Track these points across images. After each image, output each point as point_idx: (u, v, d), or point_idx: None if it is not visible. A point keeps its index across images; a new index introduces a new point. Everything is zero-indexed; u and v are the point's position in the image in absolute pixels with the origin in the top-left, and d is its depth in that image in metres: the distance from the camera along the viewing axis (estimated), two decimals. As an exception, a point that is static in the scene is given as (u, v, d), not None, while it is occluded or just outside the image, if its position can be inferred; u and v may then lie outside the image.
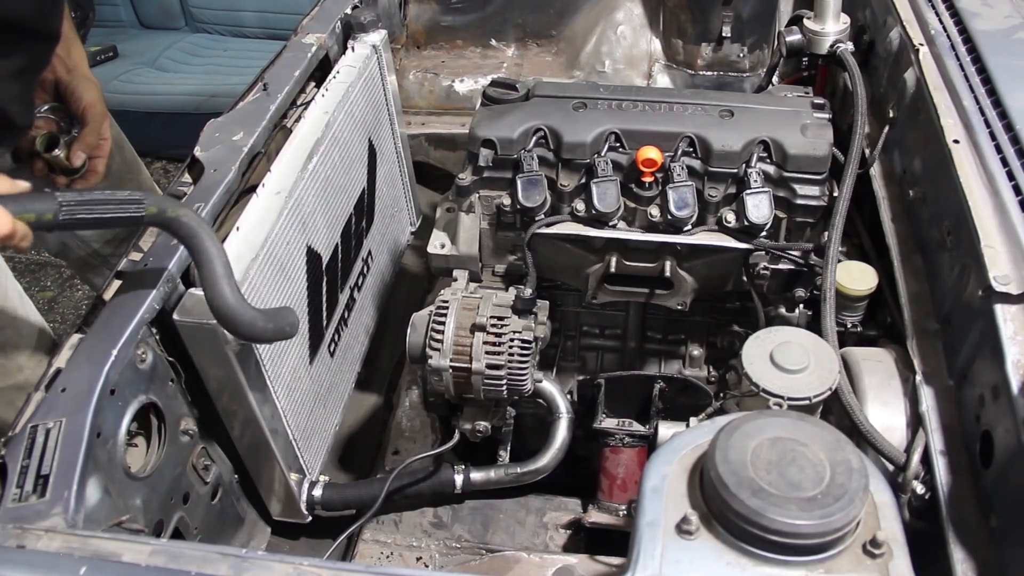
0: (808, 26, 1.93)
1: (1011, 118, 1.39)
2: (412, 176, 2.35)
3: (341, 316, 1.88)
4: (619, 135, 1.63)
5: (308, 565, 0.99)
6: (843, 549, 0.96)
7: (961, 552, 1.05)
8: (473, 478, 1.74)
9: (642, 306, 1.86)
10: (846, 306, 1.51)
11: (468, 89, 2.51)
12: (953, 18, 1.68)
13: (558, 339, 1.91)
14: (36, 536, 1.06)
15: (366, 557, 1.72)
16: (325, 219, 1.76)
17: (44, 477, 1.16)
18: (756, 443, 1.00)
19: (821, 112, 1.67)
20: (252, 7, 4.43)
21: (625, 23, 2.50)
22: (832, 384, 1.31)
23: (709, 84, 2.43)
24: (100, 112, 1.69)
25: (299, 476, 1.68)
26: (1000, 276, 1.15)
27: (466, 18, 2.56)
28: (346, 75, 1.91)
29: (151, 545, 1.04)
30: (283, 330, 1.36)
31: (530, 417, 1.86)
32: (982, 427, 1.11)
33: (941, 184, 1.38)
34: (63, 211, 1.19)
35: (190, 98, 3.90)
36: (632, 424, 1.77)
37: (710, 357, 1.91)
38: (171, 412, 1.45)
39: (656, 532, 0.98)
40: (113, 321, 1.34)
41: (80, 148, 1.66)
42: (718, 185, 1.62)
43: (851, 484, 0.95)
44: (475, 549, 1.73)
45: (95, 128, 1.68)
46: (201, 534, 1.54)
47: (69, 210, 1.20)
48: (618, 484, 1.75)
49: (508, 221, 1.75)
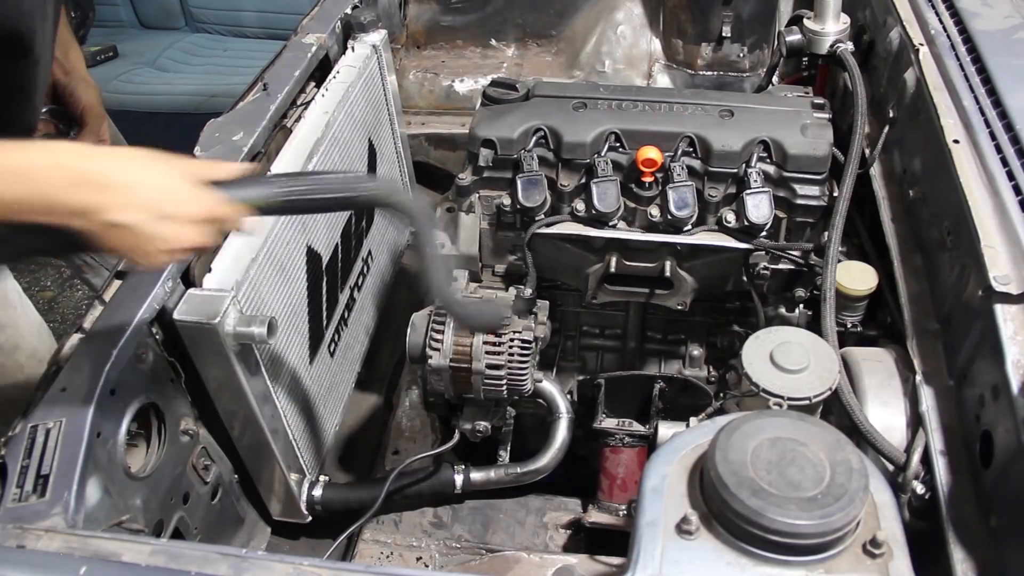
0: (808, 26, 1.93)
1: (1011, 118, 1.39)
2: (412, 176, 2.35)
3: (341, 316, 1.88)
4: (619, 135, 1.63)
5: (308, 565, 0.99)
6: (843, 549, 0.96)
7: (961, 552, 1.05)
8: (473, 478, 1.74)
9: (642, 306, 1.86)
10: (846, 306, 1.51)
11: (468, 89, 2.51)
12: (953, 18, 1.68)
13: (558, 339, 1.91)
14: (36, 536, 1.06)
15: (366, 557, 1.72)
16: (325, 219, 1.76)
17: (44, 477, 1.16)
18: (756, 443, 1.00)
19: (821, 112, 1.67)
20: (252, 7, 4.43)
21: (625, 23, 2.50)
22: (832, 384, 1.31)
23: (709, 84, 2.43)
24: (99, 114, 1.70)
25: (299, 476, 1.67)
26: (1000, 276, 1.15)
27: (466, 18, 2.56)
28: (346, 75, 1.91)
29: (151, 545, 1.04)
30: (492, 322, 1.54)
31: (530, 417, 1.86)
32: (982, 427, 1.11)
33: (941, 184, 1.38)
34: (281, 196, 1.17)
35: (190, 98, 3.90)
36: (632, 424, 1.77)
37: (710, 357, 1.91)
38: (171, 412, 1.45)
39: (656, 532, 0.98)
40: (113, 321, 1.34)
41: None
42: (718, 185, 1.62)
43: (851, 484, 0.95)
44: (475, 549, 1.73)
45: (94, 130, 1.69)
46: (201, 534, 1.54)
47: (286, 195, 1.17)
48: (618, 484, 1.75)
49: (508, 221, 1.75)
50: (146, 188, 1.02)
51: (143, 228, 1.02)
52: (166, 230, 1.03)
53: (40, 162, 1.01)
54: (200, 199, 1.06)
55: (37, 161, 1.01)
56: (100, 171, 1.01)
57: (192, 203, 1.05)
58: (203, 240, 1.07)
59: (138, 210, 1.01)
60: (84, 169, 1.01)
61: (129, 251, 1.04)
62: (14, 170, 0.99)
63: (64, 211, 1.00)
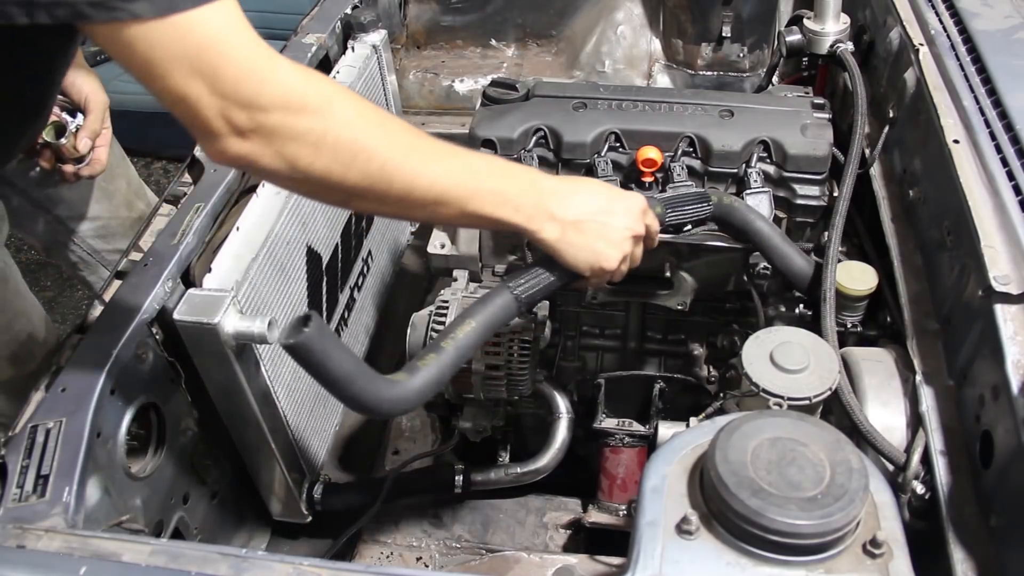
0: (808, 26, 1.93)
1: (1011, 118, 1.39)
2: (412, 176, 2.34)
3: (341, 316, 1.88)
4: (619, 135, 1.63)
5: (308, 565, 0.99)
6: (843, 549, 0.96)
7: (961, 552, 1.05)
8: (473, 478, 1.74)
9: (642, 306, 1.86)
10: (846, 306, 1.51)
11: (468, 89, 2.51)
12: (953, 18, 1.68)
13: (558, 339, 1.91)
14: (36, 536, 1.06)
15: (366, 557, 1.72)
16: (325, 219, 1.76)
17: (44, 477, 1.17)
18: (756, 443, 1.00)
19: (821, 112, 1.67)
20: (252, 7, 4.38)
21: (625, 23, 2.50)
22: (832, 384, 1.31)
23: (709, 84, 2.43)
24: (102, 100, 1.74)
25: (299, 476, 1.68)
26: (1000, 276, 1.15)
27: (466, 18, 2.56)
28: (346, 75, 1.91)
29: (151, 545, 1.04)
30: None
31: (530, 417, 1.86)
32: (982, 427, 1.11)
33: (941, 184, 1.38)
34: (668, 214, 1.44)
35: (190, 98, 3.90)
36: (632, 424, 1.77)
37: (710, 357, 1.90)
38: (171, 412, 1.45)
39: (656, 532, 0.98)
40: (113, 321, 1.34)
41: (86, 135, 1.72)
42: (718, 185, 1.62)
43: (851, 484, 0.95)
44: (475, 549, 1.73)
45: (98, 116, 1.74)
46: (201, 534, 1.54)
47: (673, 211, 1.45)
48: (618, 484, 1.75)
49: (508, 221, 1.74)
50: (592, 190, 1.28)
51: (599, 219, 1.25)
52: (617, 220, 1.26)
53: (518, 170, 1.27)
54: (631, 196, 1.32)
55: (517, 170, 1.27)
56: (557, 183, 1.27)
57: (628, 198, 1.30)
58: (643, 229, 1.31)
59: (588, 206, 1.25)
60: (547, 183, 1.25)
61: (590, 246, 1.25)
62: (509, 169, 1.24)
63: (545, 215, 1.22)
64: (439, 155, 1.14)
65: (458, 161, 1.17)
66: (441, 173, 1.13)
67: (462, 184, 1.15)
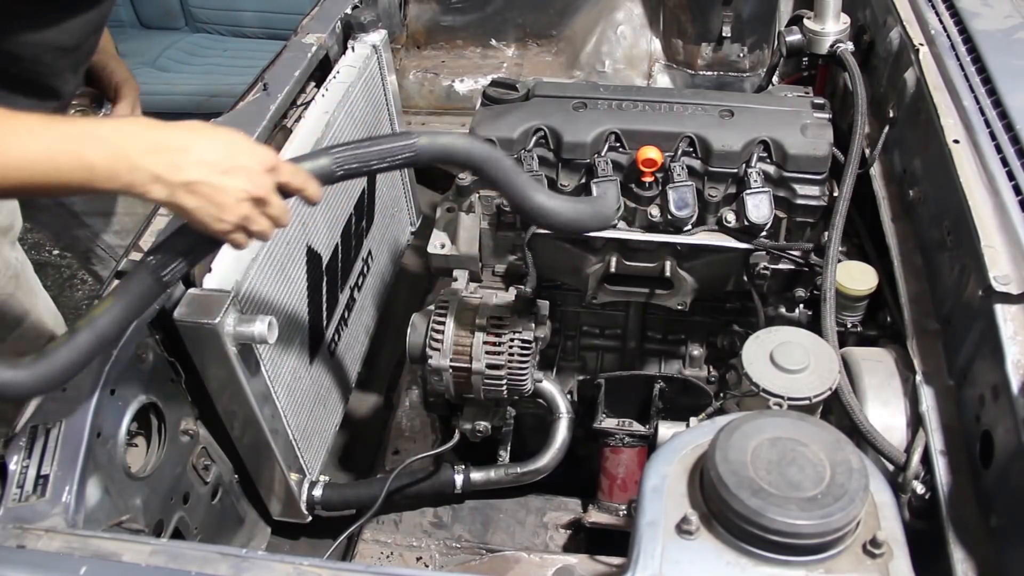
0: (808, 26, 1.93)
1: (1011, 118, 1.39)
2: (412, 176, 2.35)
3: (341, 316, 1.88)
4: (619, 135, 1.63)
5: (308, 565, 1.00)
6: (843, 549, 0.96)
7: (961, 552, 1.05)
8: (473, 478, 1.74)
9: (642, 306, 1.86)
10: (846, 306, 1.51)
11: (468, 89, 2.51)
12: (953, 18, 1.68)
13: (558, 339, 1.91)
14: (36, 536, 1.07)
15: (366, 557, 1.72)
16: (325, 219, 1.77)
17: (44, 477, 1.17)
18: (756, 443, 1.00)
19: (821, 112, 1.67)
20: (252, 7, 4.42)
21: (625, 23, 2.50)
22: (832, 384, 1.31)
23: (709, 84, 2.43)
24: (135, 87, 1.73)
25: (299, 476, 1.68)
26: (1000, 276, 1.15)
27: (466, 18, 2.56)
28: (346, 75, 1.91)
29: (151, 545, 1.04)
30: (603, 214, 1.41)
31: (530, 417, 1.86)
32: (982, 427, 1.11)
33: (941, 184, 1.38)
34: (340, 166, 1.24)
35: (190, 98, 3.89)
36: (632, 424, 1.77)
37: (710, 357, 1.91)
38: (171, 412, 1.45)
39: (656, 532, 0.98)
40: (113, 321, 1.34)
41: None
42: (718, 185, 1.62)
43: (851, 484, 0.95)
44: (475, 549, 1.73)
45: (130, 102, 1.72)
46: (201, 534, 1.54)
47: (345, 163, 1.24)
48: (618, 484, 1.75)
49: (508, 221, 1.74)
50: (209, 145, 1.13)
51: (212, 180, 1.10)
52: (233, 180, 1.12)
53: (123, 132, 1.11)
54: (258, 150, 1.17)
55: (121, 131, 1.11)
56: (169, 137, 1.11)
57: (251, 154, 1.15)
58: (267, 190, 1.15)
59: (202, 164, 1.10)
60: (156, 136, 1.11)
61: (205, 210, 1.11)
62: (100, 137, 1.08)
63: (148, 177, 1.08)
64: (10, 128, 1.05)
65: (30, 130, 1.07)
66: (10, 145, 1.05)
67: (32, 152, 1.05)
